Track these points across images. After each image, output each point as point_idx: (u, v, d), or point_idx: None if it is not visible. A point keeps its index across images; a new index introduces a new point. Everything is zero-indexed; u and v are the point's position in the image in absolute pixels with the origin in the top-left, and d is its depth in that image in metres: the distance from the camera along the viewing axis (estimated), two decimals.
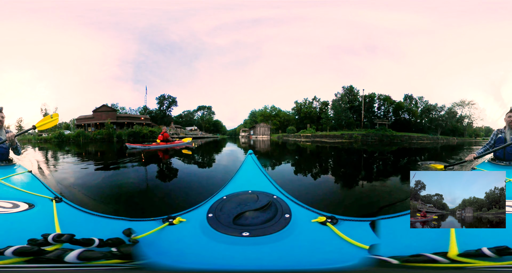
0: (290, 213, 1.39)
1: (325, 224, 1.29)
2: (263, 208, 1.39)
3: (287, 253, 1.12)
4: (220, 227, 1.28)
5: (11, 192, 1.86)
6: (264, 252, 1.12)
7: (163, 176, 4.56)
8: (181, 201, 2.84)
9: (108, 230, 1.36)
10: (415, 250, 1.01)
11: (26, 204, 1.62)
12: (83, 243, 1.06)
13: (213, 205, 1.50)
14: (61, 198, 1.75)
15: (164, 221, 1.39)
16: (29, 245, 1.02)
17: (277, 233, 1.23)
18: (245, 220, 1.31)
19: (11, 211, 1.49)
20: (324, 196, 3.15)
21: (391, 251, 1.03)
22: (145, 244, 1.18)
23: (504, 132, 2.89)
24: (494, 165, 2.82)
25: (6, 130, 3.03)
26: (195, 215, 1.45)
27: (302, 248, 1.16)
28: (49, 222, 1.40)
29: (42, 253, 0.98)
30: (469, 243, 1.03)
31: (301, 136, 43.68)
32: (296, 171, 5.22)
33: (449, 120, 43.26)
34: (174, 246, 1.22)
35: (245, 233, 1.22)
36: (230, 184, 1.90)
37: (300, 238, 1.21)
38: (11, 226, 1.37)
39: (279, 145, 19.09)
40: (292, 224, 1.30)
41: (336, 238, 1.19)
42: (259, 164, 2.33)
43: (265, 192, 1.64)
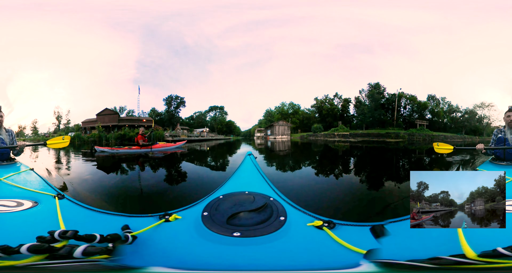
0: (286, 216, 1.47)
1: (321, 228, 1.36)
2: (258, 210, 1.47)
3: (278, 254, 1.20)
4: (214, 226, 1.37)
5: (15, 191, 2.02)
6: (255, 253, 1.19)
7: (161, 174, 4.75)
8: (179, 198, 2.97)
9: (108, 226, 1.47)
10: (419, 254, 1.07)
11: (30, 202, 1.77)
12: (86, 239, 1.17)
13: (209, 204, 1.60)
14: (63, 195, 1.90)
15: (161, 217, 1.50)
16: (38, 242, 1.10)
17: (269, 235, 1.30)
18: (238, 221, 1.39)
19: (16, 210, 1.64)
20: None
21: (393, 256, 1.08)
22: (141, 240, 1.30)
23: (504, 131, 3.04)
24: (494, 165, 2.98)
25: (6, 129, 3.30)
26: (190, 213, 1.56)
27: (294, 251, 1.23)
28: (53, 219, 1.54)
29: (53, 250, 1.07)
30: (480, 244, 1.07)
31: (335, 135, 42.36)
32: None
33: (471, 121, 47.20)
34: (167, 243, 1.32)
35: (236, 233, 1.30)
36: (228, 184, 2.00)
37: (293, 240, 1.28)
38: (18, 225, 1.50)
39: (311, 148, 15.98)
40: (286, 227, 1.37)
41: (331, 243, 1.26)
42: (257, 165, 2.43)
43: (261, 194, 1.74)
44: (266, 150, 13.18)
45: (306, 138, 41.48)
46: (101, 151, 10.19)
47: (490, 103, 47.27)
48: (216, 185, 2.01)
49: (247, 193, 1.76)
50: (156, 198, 3.03)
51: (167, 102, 56.43)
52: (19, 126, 58.12)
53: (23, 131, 57.78)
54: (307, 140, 33.68)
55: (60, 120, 53.78)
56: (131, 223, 1.45)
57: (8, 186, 2.13)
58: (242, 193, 1.76)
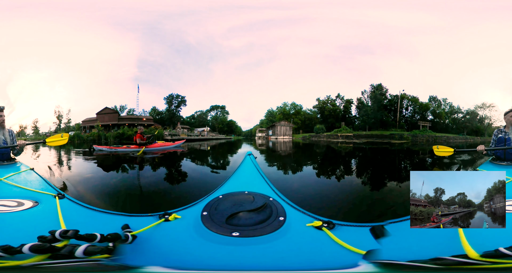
0: (285, 216, 1.49)
1: (320, 229, 1.38)
2: (257, 210, 1.49)
3: (277, 254, 1.21)
4: (213, 226, 1.38)
5: (15, 191, 2.05)
6: (253, 253, 1.21)
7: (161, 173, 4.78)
8: (178, 198, 3.00)
9: (108, 225, 1.50)
10: (420, 254, 1.08)
11: (30, 201, 1.79)
12: (86, 239, 1.19)
13: (208, 204, 1.62)
14: (63, 195, 1.93)
15: (161, 217, 1.53)
16: (40, 242, 1.11)
17: (268, 235, 1.32)
18: (238, 220, 1.41)
19: (16, 210, 1.66)
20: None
21: (393, 256, 1.10)
22: (140, 239, 1.32)
23: (504, 131, 3.09)
24: (494, 165, 3.01)
25: (8, 129, 3.34)
26: (190, 213, 1.58)
27: (293, 251, 1.25)
28: (53, 218, 1.56)
29: (54, 250, 1.09)
30: (482, 244, 1.08)
31: (338, 136, 42.53)
32: None
33: (473, 121, 48.90)
34: (166, 242, 1.35)
35: (235, 233, 1.32)
36: (227, 184, 2.03)
37: (292, 241, 1.30)
38: (19, 225, 1.52)
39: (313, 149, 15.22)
40: (286, 227, 1.39)
41: (330, 243, 1.27)
42: (257, 165, 2.45)
43: (261, 194, 1.76)
44: (268, 151, 12.96)
45: (309, 139, 41.50)
46: (99, 150, 10.20)
47: (491, 104, 48.54)
48: (216, 185, 2.03)
49: (246, 193, 1.77)
50: (156, 197, 3.05)
51: (168, 101, 56.59)
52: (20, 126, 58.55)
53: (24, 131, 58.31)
54: (309, 141, 33.51)
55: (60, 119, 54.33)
56: (131, 222, 1.46)
57: (9, 186, 2.16)
58: (242, 193, 1.78)
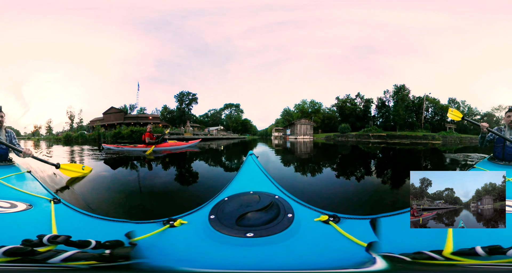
0: (293, 213, 1.52)
1: (327, 223, 1.43)
2: (265, 208, 1.51)
3: (293, 253, 1.24)
4: (223, 229, 1.39)
5: (10, 192, 2.08)
6: (270, 253, 1.23)
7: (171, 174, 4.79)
8: (181, 203, 2.99)
9: (107, 232, 1.48)
10: (414, 247, 1.14)
11: (24, 204, 1.80)
12: (78, 245, 1.16)
13: (214, 207, 1.62)
14: (59, 200, 1.93)
15: (165, 223, 1.51)
16: (23, 245, 1.12)
17: (282, 233, 1.34)
18: (248, 221, 1.42)
19: (8, 211, 1.67)
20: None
21: (390, 249, 1.15)
22: (144, 246, 1.29)
23: (504, 130, 3.27)
24: (493, 165, 3.15)
25: (6, 129, 3.42)
26: (196, 217, 1.57)
27: (307, 248, 1.27)
28: (46, 223, 1.56)
29: (34, 254, 1.09)
30: (466, 242, 1.13)
31: (369, 136, 42.86)
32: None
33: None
34: (177, 248, 1.34)
35: (250, 233, 1.33)
36: (231, 185, 2.05)
37: (304, 237, 1.33)
38: (8, 226, 1.53)
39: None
40: (296, 224, 1.42)
41: (339, 237, 1.32)
42: (260, 165, 2.53)
43: (266, 192, 1.80)
44: (285, 152, 12.19)
45: (334, 139, 41.42)
46: (108, 149, 10.77)
47: (507, 106, 49.68)
48: (220, 187, 2.07)
49: (251, 193, 1.81)
50: (157, 204, 3.01)
51: (179, 99, 57.37)
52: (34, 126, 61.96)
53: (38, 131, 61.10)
54: (334, 141, 32.49)
55: (72, 119, 56.62)
56: (132, 229, 1.43)
57: (3, 186, 2.20)
58: (247, 193, 1.81)
